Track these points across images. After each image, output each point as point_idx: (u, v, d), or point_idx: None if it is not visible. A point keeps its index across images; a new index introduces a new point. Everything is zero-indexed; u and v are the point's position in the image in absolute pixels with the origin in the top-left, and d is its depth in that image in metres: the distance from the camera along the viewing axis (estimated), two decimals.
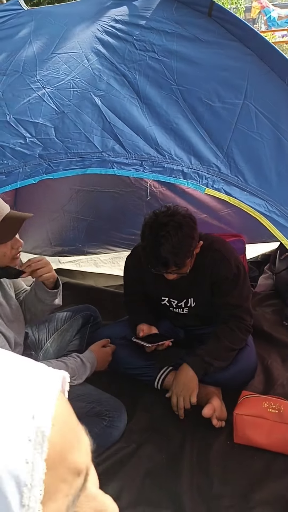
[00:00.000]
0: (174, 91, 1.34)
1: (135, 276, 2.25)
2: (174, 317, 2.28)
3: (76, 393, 1.81)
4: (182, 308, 2.19)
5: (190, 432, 1.88)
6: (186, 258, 1.85)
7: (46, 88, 1.36)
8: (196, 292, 2.12)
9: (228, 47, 1.35)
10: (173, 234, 1.78)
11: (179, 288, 2.13)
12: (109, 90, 1.35)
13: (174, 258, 1.80)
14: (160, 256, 1.81)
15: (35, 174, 1.32)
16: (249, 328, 2.08)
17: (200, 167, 1.29)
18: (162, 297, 2.20)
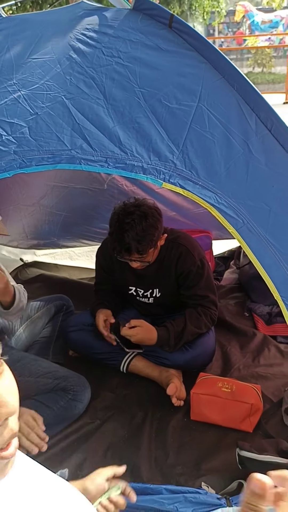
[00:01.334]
0: (137, 93, 1.49)
1: (105, 266, 2.39)
2: (140, 306, 2.42)
3: (44, 370, 1.95)
4: (148, 297, 2.34)
5: (151, 411, 2.04)
6: (149, 246, 1.99)
7: (21, 91, 1.49)
8: (162, 283, 2.27)
9: (186, 55, 1.51)
10: (137, 223, 1.93)
11: (145, 278, 2.28)
12: (78, 93, 1.49)
13: (136, 245, 1.95)
14: (124, 242, 1.95)
15: (10, 168, 1.45)
16: (214, 318, 2.23)
17: (158, 163, 1.45)
18: (130, 287, 2.34)
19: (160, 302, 2.35)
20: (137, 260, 2.05)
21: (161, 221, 2.05)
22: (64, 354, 2.41)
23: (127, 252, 1.99)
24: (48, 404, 1.86)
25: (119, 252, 2.02)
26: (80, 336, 2.35)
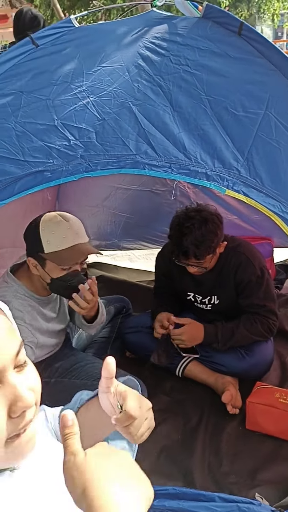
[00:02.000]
0: (203, 101, 1.50)
1: (164, 270, 2.40)
2: (198, 312, 2.42)
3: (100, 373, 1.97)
4: (206, 304, 2.33)
5: (206, 417, 2.03)
6: (207, 252, 1.98)
7: (90, 97, 1.54)
8: (220, 291, 2.25)
9: (254, 63, 1.50)
10: (197, 227, 1.94)
11: (204, 285, 2.27)
12: (145, 99, 1.52)
13: (194, 250, 1.95)
14: (182, 246, 1.96)
15: (76, 172, 1.50)
16: (272, 327, 2.17)
17: (222, 170, 1.45)
18: (188, 292, 2.34)
19: (218, 310, 2.33)
20: (194, 265, 2.05)
21: (221, 228, 2.04)
22: (121, 355, 2.45)
23: (185, 256, 1.99)
24: None
25: (177, 255, 2.03)
26: (137, 338, 2.38)
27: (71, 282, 1.76)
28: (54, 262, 1.73)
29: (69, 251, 1.71)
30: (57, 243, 1.71)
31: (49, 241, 1.71)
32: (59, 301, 2.03)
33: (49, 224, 1.73)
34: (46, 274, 1.76)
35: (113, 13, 8.91)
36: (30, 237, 1.78)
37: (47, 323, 1.92)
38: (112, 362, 0.83)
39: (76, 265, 1.77)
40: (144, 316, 2.49)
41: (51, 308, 1.96)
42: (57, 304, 2.02)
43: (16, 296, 1.78)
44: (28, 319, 1.78)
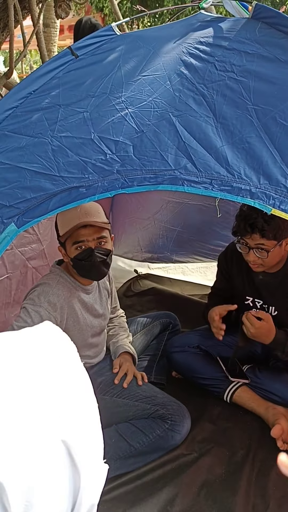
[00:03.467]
0: (250, 111, 1.36)
1: (224, 270, 2.31)
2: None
3: (142, 395, 1.89)
4: (265, 310, 2.17)
5: (254, 450, 1.88)
6: (274, 231, 1.86)
7: (129, 108, 1.45)
8: (281, 301, 2.09)
9: None
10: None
11: (265, 290, 2.14)
12: (187, 110, 1.41)
13: (262, 224, 1.85)
14: (251, 217, 1.87)
15: (112, 188, 1.41)
16: None
17: (268, 187, 1.30)
18: (247, 296, 2.20)
19: (276, 321, 2.17)
20: (256, 245, 1.91)
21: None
22: (167, 375, 2.34)
23: (251, 228, 1.88)
24: (144, 430, 1.80)
25: (242, 230, 1.92)
26: (183, 358, 2.27)
27: (87, 260, 1.83)
28: (65, 241, 1.84)
29: (75, 228, 1.80)
30: (67, 223, 1.82)
31: (61, 224, 1.86)
32: (103, 296, 2.12)
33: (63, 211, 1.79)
34: (68, 257, 1.87)
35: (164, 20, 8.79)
36: (55, 225, 1.92)
37: (86, 313, 1.98)
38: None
39: (88, 242, 1.83)
40: (192, 335, 2.38)
41: (93, 299, 2.03)
42: (101, 297, 2.10)
43: (58, 281, 1.89)
44: (60, 306, 1.84)
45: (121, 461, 1.77)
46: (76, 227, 1.80)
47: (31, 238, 2.34)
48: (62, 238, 1.86)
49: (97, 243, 1.84)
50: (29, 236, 2.34)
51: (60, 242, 1.90)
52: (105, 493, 1.66)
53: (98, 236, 1.84)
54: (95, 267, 1.86)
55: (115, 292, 2.35)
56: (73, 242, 1.82)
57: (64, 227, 1.84)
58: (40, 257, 2.41)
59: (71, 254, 1.84)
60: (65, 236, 1.83)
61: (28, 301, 1.82)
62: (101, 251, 1.85)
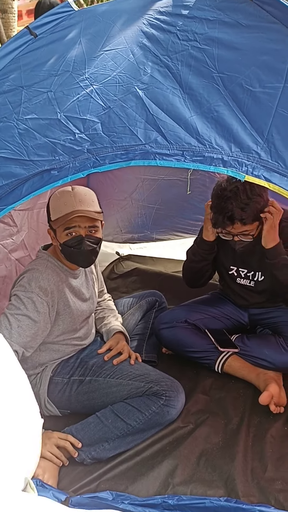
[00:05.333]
0: (215, 79, 1.35)
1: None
2: (239, 292, 2.28)
3: (135, 373, 1.90)
4: (249, 279, 2.19)
5: (248, 416, 1.91)
6: (253, 216, 1.86)
7: (93, 85, 1.43)
8: (263, 265, 2.11)
9: (269, 30, 1.33)
10: (241, 190, 1.84)
11: (249, 260, 2.16)
12: (152, 82, 1.39)
13: (240, 213, 1.84)
14: (227, 210, 1.85)
15: (84, 168, 1.40)
16: None
17: (240, 155, 1.30)
18: (231, 266, 2.22)
19: (262, 288, 2.20)
20: (240, 233, 1.92)
21: (267, 192, 1.90)
22: (158, 352, 2.35)
23: (230, 221, 1.88)
24: (140, 408, 1.81)
25: (222, 223, 1.91)
26: (172, 333, 2.27)
27: (76, 247, 1.83)
28: (57, 227, 1.83)
29: (69, 216, 1.78)
30: (60, 209, 1.81)
31: (54, 208, 1.84)
32: (89, 281, 2.12)
33: (57, 193, 1.86)
34: (57, 242, 1.86)
35: None
36: (47, 208, 1.90)
37: (74, 298, 1.97)
38: None
39: (80, 229, 1.82)
40: (178, 310, 2.38)
41: (80, 283, 2.02)
42: (87, 282, 2.10)
43: (47, 266, 1.89)
44: (51, 291, 1.84)
45: (119, 440, 1.78)
46: (69, 215, 1.78)
47: (12, 230, 2.31)
48: (53, 223, 1.84)
49: (88, 231, 1.84)
50: (10, 228, 2.31)
51: (50, 226, 1.88)
52: (106, 471, 1.67)
53: (90, 225, 1.83)
54: (84, 255, 1.86)
55: (101, 276, 2.35)
56: (64, 227, 1.81)
57: (56, 212, 1.82)
58: (21, 248, 2.38)
59: (61, 239, 1.83)
60: (57, 222, 1.82)
61: (18, 287, 1.81)
62: (91, 240, 1.85)
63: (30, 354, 1.80)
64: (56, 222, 1.83)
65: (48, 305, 1.81)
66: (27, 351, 1.77)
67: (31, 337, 1.76)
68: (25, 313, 1.74)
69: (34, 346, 1.81)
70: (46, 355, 1.95)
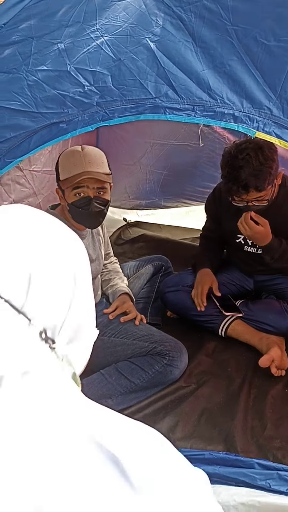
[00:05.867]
0: (229, 32, 1.32)
1: (213, 213, 2.32)
2: (246, 259, 2.28)
3: (140, 334, 1.92)
4: (256, 247, 2.19)
5: (249, 378, 1.93)
6: (267, 181, 1.85)
7: (104, 36, 1.40)
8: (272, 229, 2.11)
9: None
10: (253, 156, 1.81)
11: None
12: (164, 34, 1.36)
13: (254, 181, 1.82)
14: (240, 179, 1.83)
15: (93, 121, 1.39)
16: None
17: (252, 110, 1.28)
18: (238, 235, 2.21)
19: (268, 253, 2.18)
20: (255, 199, 1.91)
21: (277, 153, 1.89)
22: (162, 316, 2.37)
23: (245, 190, 1.86)
24: (143, 367, 1.84)
25: (236, 192, 1.90)
26: (177, 297, 2.29)
27: (84, 208, 1.82)
28: (65, 187, 1.82)
29: (78, 177, 1.77)
30: (69, 169, 1.80)
31: (63, 168, 1.83)
32: (96, 242, 2.12)
33: (67, 152, 1.86)
34: (65, 202, 1.86)
35: None
36: (56, 167, 1.89)
37: None
38: None
39: (88, 190, 1.81)
40: (184, 275, 2.39)
41: (87, 244, 2.02)
42: (94, 243, 2.10)
43: None
44: None
45: (122, 396, 1.81)
46: (78, 176, 1.77)
47: (28, 192, 2.31)
48: (62, 183, 1.84)
49: (97, 192, 1.82)
50: (26, 190, 2.31)
51: (58, 185, 1.88)
52: None
53: (98, 186, 1.82)
54: (91, 216, 1.86)
55: (108, 238, 2.35)
56: (73, 188, 1.80)
57: (65, 172, 1.81)
58: None
59: (69, 199, 1.83)
60: (66, 182, 1.81)
61: None
62: (99, 201, 1.83)
63: None
64: (65, 182, 1.82)
65: None
66: None
67: None
68: None
69: None
70: None
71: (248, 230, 1.95)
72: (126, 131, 2.82)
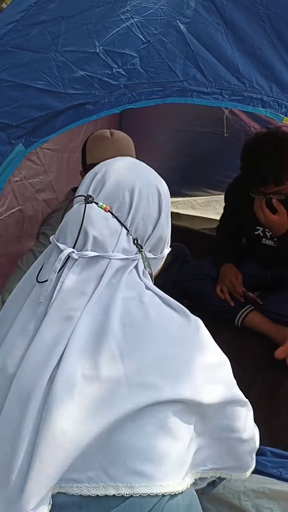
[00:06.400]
0: (261, 16, 1.30)
1: (232, 204, 2.31)
2: (264, 251, 2.27)
3: None
4: (274, 240, 2.17)
5: (263, 368, 1.94)
6: (286, 175, 1.83)
7: (134, 18, 1.39)
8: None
9: None
10: (272, 149, 1.80)
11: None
12: (195, 17, 1.35)
13: (273, 174, 1.81)
14: (259, 173, 1.81)
15: (119, 104, 1.38)
16: None
17: (281, 95, 1.26)
18: (257, 227, 2.20)
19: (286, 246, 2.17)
20: (273, 193, 1.89)
21: None
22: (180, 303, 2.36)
23: (263, 183, 1.85)
24: None
25: (254, 185, 1.88)
26: (195, 286, 2.29)
27: None
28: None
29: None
30: (97, 155, 1.77)
31: (91, 152, 1.83)
32: None
33: (95, 137, 1.86)
34: None
35: None
36: (82, 150, 1.89)
37: None
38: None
39: None
40: (203, 263, 2.39)
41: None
42: None
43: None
44: None
45: None
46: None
47: (39, 169, 2.32)
48: (88, 167, 1.83)
49: None
50: (37, 167, 2.31)
51: (84, 169, 1.88)
52: None
53: None
54: None
55: None
56: None
57: (93, 157, 1.81)
58: (48, 189, 2.39)
59: None
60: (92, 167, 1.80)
61: (47, 226, 1.84)
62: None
63: None
64: (91, 167, 1.81)
65: None
66: None
67: None
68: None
69: None
70: None
71: (263, 217, 1.93)
72: (150, 116, 2.80)
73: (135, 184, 0.97)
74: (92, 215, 0.94)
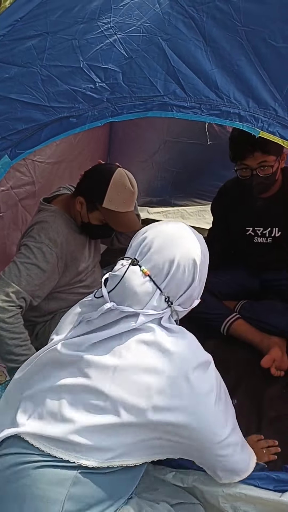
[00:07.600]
0: (239, 32, 1.33)
1: (219, 213, 2.34)
2: (255, 251, 2.29)
3: None
4: (266, 237, 2.20)
5: (247, 376, 1.96)
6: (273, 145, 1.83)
7: (117, 34, 1.43)
8: (283, 221, 2.12)
9: None
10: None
11: (265, 215, 2.16)
12: (176, 34, 1.39)
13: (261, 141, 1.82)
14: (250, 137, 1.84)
15: (102, 117, 1.42)
16: None
17: (257, 110, 1.30)
18: (247, 227, 2.23)
19: (279, 244, 2.21)
20: (259, 164, 1.93)
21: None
22: None
23: (252, 146, 1.88)
24: None
25: (242, 149, 1.92)
26: None
27: (100, 235, 2.10)
28: (102, 212, 1.92)
29: (123, 215, 1.93)
30: (117, 204, 1.89)
31: (111, 200, 1.88)
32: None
33: (119, 185, 1.90)
34: (86, 216, 1.96)
35: None
36: (95, 184, 1.93)
37: (79, 250, 2.04)
38: None
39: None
40: None
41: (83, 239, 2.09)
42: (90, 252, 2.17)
43: (56, 218, 1.93)
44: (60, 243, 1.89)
45: None
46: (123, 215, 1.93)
47: (27, 180, 2.36)
48: (100, 207, 1.90)
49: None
50: (26, 178, 2.35)
51: (90, 202, 1.93)
52: None
53: None
54: (99, 237, 2.17)
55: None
56: (102, 217, 1.94)
57: (112, 204, 1.89)
58: (31, 197, 2.41)
59: (93, 220, 1.96)
60: (105, 211, 1.90)
61: (28, 238, 1.85)
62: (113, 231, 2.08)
63: (37, 303, 1.85)
64: (105, 210, 1.91)
65: (57, 256, 1.86)
66: (35, 300, 1.82)
67: (39, 286, 1.81)
68: (34, 262, 1.79)
69: (42, 295, 1.86)
70: (54, 303, 2.00)
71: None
72: (140, 127, 2.85)
73: (176, 256, 1.17)
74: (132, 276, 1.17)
